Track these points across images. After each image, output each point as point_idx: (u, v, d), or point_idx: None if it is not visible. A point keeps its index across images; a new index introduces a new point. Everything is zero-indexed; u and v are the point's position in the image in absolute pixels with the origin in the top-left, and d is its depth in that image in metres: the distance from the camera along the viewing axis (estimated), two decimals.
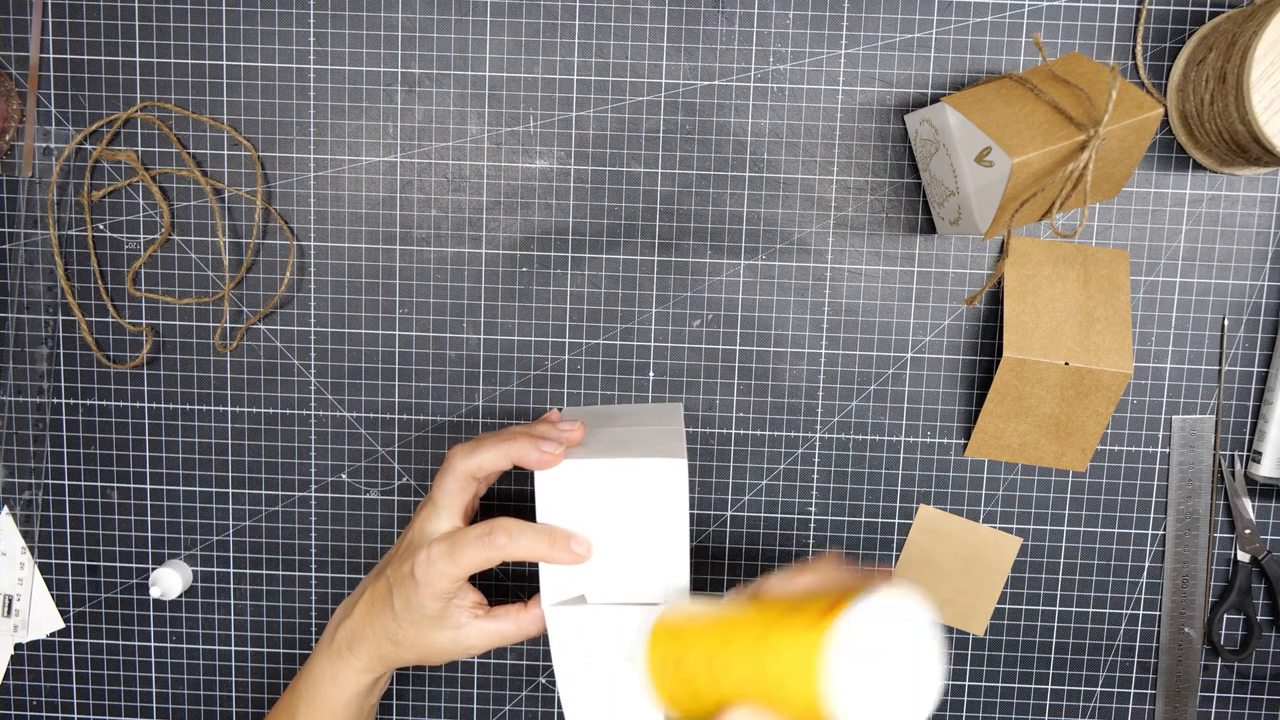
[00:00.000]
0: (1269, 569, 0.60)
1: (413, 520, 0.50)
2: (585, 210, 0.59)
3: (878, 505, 0.61)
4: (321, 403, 0.61)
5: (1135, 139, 0.47)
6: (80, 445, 0.61)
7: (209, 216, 0.59)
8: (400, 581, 0.48)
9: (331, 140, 0.59)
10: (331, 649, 0.51)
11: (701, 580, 0.62)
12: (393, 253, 0.59)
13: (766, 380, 0.60)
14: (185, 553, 0.62)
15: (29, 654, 0.63)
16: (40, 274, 0.60)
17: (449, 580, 0.46)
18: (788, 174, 0.59)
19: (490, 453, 0.47)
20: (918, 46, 0.57)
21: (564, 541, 0.46)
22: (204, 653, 0.63)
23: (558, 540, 0.46)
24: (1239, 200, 0.58)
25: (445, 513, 0.48)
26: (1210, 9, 0.57)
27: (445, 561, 0.46)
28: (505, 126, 0.58)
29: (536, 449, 0.46)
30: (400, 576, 0.48)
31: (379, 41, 0.58)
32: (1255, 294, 0.59)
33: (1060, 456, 0.58)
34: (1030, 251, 0.58)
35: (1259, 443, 0.59)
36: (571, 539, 0.46)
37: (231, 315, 0.60)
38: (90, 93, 0.58)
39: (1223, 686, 0.62)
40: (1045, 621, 0.62)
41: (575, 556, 0.46)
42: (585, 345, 0.60)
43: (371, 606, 0.50)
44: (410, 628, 0.48)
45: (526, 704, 0.63)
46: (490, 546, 0.46)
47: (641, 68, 0.58)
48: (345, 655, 0.50)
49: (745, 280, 0.59)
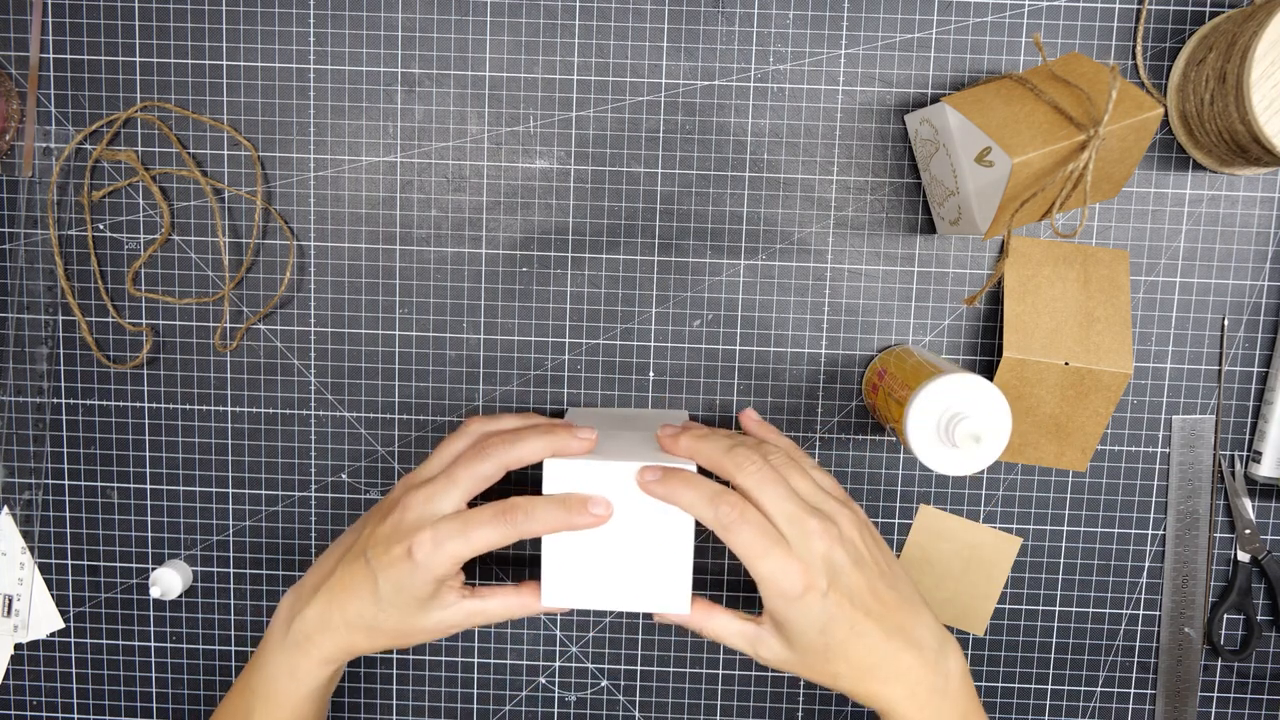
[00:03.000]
0: (1269, 569, 0.60)
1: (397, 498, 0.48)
2: (585, 210, 0.59)
3: (878, 505, 0.61)
4: (321, 403, 0.61)
5: (1135, 139, 0.47)
6: (80, 445, 0.61)
7: (209, 216, 0.59)
8: (391, 564, 0.46)
9: (331, 140, 0.59)
10: (287, 642, 0.48)
11: (702, 580, 0.62)
12: (393, 253, 0.59)
13: (766, 380, 0.60)
14: (185, 553, 0.62)
15: (29, 654, 0.63)
16: (40, 274, 0.60)
17: (455, 562, 0.45)
18: (788, 174, 0.59)
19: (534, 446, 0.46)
20: (918, 46, 0.57)
21: (581, 506, 0.45)
22: (204, 653, 0.63)
23: (574, 506, 0.45)
24: (1239, 200, 0.58)
25: (457, 492, 0.46)
26: (1210, 9, 0.57)
27: (457, 541, 0.45)
28: (505, 126, 0.58)
29: (574, 437, 0.46)
30: (391, 559, 0.46)
31: (379, 41, 0.58)
32: (1255, 294, 0.59)
33: (1060, 456, 0.58)
34: (1030, 251, 0.58)
35: (1259, 443, 0.59)
36: (589, 501, 0.45)
37: (231, 315, 0.60)
38: (90, 93, 0.58)
39: (1223, 686, 0.62)
40: (1045, 621, 0.62)
41: (596, 518, 0.45)
42: (585, 345, 0.60)
43: (341, 594, 0.47)
44: (395, 612, 0.46)
45: (526, 704, 0.63)
46: (508, 524, 0.45)
47: (641, 68, 0.58)
48: (304, 647, 0.48)
49: (745, 280, 0.59)
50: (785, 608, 0.44)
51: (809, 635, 0.45)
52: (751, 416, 0.56)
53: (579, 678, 0.63)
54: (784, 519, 0.45)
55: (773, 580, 0.44)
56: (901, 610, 0.47)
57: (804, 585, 0.44)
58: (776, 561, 0.44)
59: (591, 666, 0.63)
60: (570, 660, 0.63)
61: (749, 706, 0.63)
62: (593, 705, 0.63)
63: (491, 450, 0.47)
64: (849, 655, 0.45)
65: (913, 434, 0.50)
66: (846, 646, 0.45)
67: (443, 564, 0.45)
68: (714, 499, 0.44)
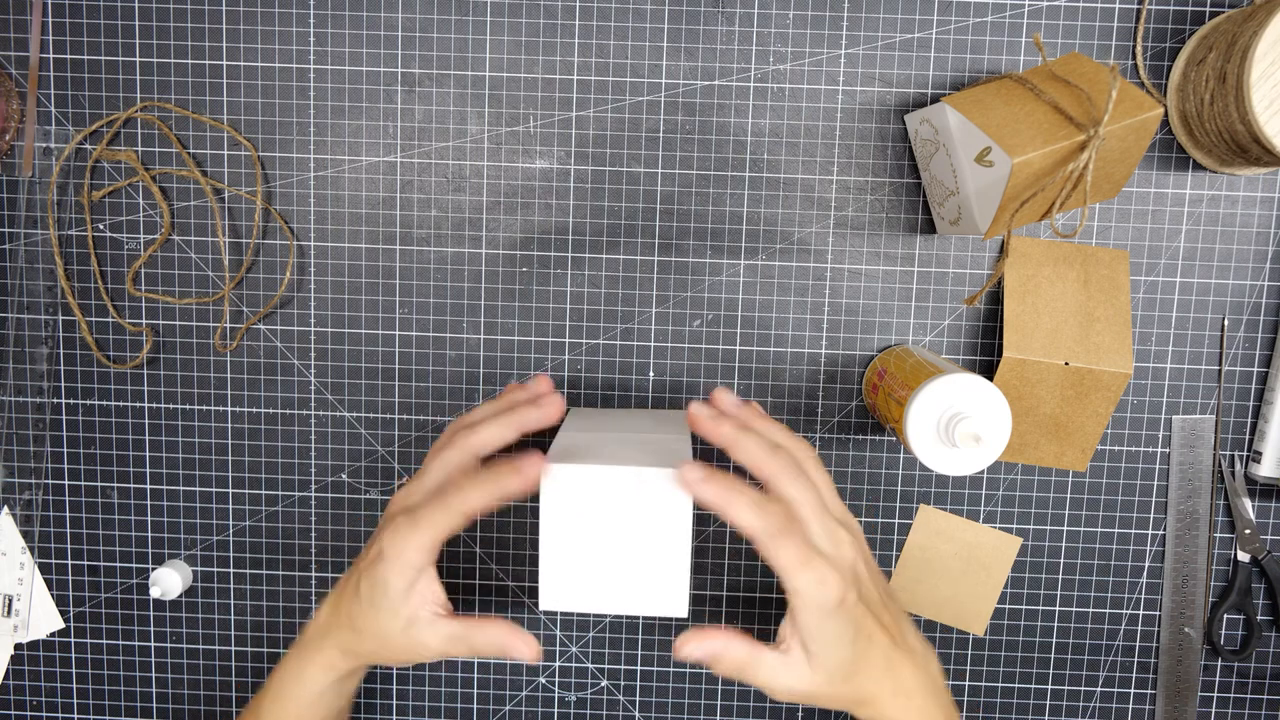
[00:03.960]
0: (1269, 569, 0.60)
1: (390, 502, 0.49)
2: (585, 210, 0.59)
3: (878, 505, 0.61)
4: (321, 403, 0.61)
5: (1135, 139, 0.47)
6: (80, 445, 0.61)
7: (209, 216, 0.59)
8: (369, 563, 0.47)
9: (331, 140, 0.59)
10: (298, 646, 0.50)
11: (702, 580, 0.62)
12: (393, 253, 0.59)
13: (766, 380, 0.60)
14: (185, 553, 0.62)
15: (29, 654, 0.63)
16: (40, 274, 0.60)
17: (415, 550, 0.45)
18: (788, 174, 0.59)
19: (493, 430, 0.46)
20: (918, 46, 0.57)
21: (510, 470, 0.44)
22: (204, 653, 0.63)
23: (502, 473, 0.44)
24: (1239, 200, 0.58)
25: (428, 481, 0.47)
26: (1210, 9, 0.57)
27: (409, 531, 0.45)
28: (505, 126, 0.58)
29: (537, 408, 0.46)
30: (369, 559, 0.47)
31: (379, 41, 0.58)
32: (1255, 294, 0.59)
33: (1060, 456, 0.58)
34: (1030, 251, 0.58)
35: (1259, 443, 0.59)
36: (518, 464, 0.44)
37: (231, 315, 0.60)
38: (90, 93, 0.58)
39: (1223, 686, 0.62)
40: (1045, 621, 0.62)
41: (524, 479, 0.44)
42: (585, 345, 0.60)
43: (339, 597, 0.49)
44: (370, 610, 0.47)
45: (526, 704, 0.63)
46: (447, 505, 0.45)
47: (641, 68, 0.58)
48: (309, 651, 0.50)
49: (745, 280, 0.59)
50: (819, 622, 0.44)
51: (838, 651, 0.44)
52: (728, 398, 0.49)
53: (579, 678, 0.63)
54: (821, 531, 0.44)
55: (812, 593, 0.43)
56: (900, 618, 0.47)
57: (840, 597, 0.44)
58: (818, 572, 0.43)
59: (591, 666, 0.63)
60: (570, 660, 0.63)
61: (749, 707, 0.63)
62: (593, 705, 0.63)
63: (458, 438, 0.47)
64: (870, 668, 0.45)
65: (913, 434, 0.50)
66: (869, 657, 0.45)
67: (405, 553, 0.45)
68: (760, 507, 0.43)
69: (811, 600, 0.43)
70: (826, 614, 0.43)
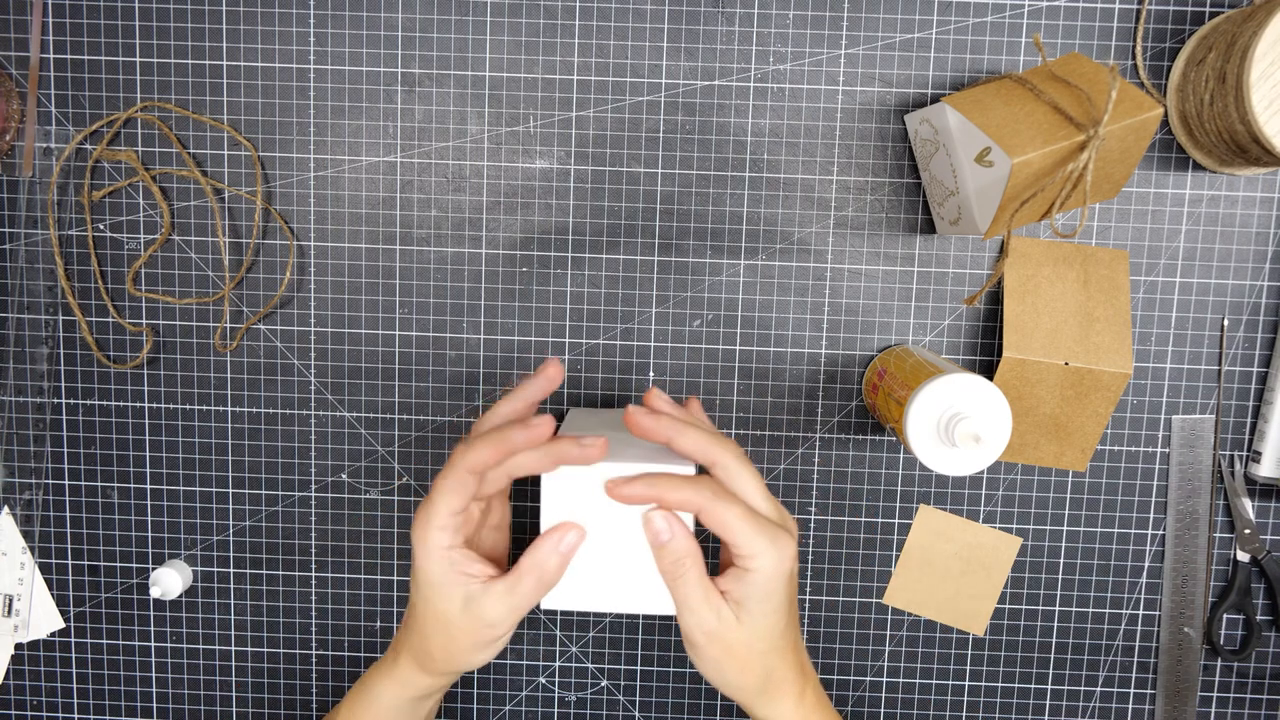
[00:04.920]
0: (1269, 569, 0.60)
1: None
2: (585, 210, 0.59)
3: (878, 505, 0.61)
4: (321, 403, 0.61)
5: (1135, 139, 0.47)
6: (80, 445, 0.61)
7: (209, 216, 0.59)
8: (412, 575, 0.48)
9: (331, 140, 0.59)
10: (376, 663, 0.52)
11: None
12: (393, 253, 0.59)
13: (766, 380, 0.60)
14: (185, 553, 0.62)
15: (29, 654, 0.63)
16: (40, 274, 0.60)
17: (437, 530, 0.45)
18: (788, 174, 0.59)
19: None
20: (918, 46, 0.57)
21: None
22: (204, 653, 0.63)
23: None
24: (1239, 200, 0.58)
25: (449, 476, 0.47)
26: (1210, 9, 0.57)
27: (423, 514, 0.45)
28: (505, 126, 0.58)
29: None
30: (411, 572, 0.48)
31: (379, 41, 0.58)
32: (1255, 294, 0.59)
33: (1060, 456, 0.58)
34: (1030, 251, 0.58)
35: (1259, 443, 0.59)
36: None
37: (231, 315, 0.60)
38: (90, 93, 0.58)
39: (1223, 686, 0.62)
40: (1045, 621, 0.62)
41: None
42: (585, 345, 0.60)
43: (406, 615, 0.50)
44: (425, 607, 0.47)
45: (526, 704, 0.63)
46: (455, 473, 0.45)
47: (641, 68, 0.58)
48: (385, 666, 0.51)
49: (745, 280, 0.59)
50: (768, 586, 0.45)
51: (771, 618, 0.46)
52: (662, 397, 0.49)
53: (579, 678, 0.63)
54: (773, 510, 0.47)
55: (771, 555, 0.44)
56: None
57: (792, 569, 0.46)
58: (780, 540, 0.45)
59: (591, 666, 0.63)
60: (570, 660, 0.63)
61: None
62: (593, 705, 0.63)
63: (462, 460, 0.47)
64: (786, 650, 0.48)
65: (913, 434, 0.50)
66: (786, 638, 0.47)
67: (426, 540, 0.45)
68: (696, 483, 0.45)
69: (769, 562, 0.44)
70: (780, 580, 0.45)
